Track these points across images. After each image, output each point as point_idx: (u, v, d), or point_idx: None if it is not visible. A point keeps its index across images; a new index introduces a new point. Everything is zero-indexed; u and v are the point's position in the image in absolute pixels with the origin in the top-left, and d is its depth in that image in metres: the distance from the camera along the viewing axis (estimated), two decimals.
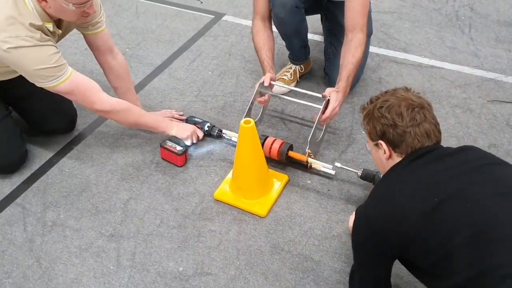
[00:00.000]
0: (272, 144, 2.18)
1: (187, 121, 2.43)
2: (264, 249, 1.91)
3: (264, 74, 2.27)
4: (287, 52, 2.67)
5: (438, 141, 1.49)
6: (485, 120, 2.44)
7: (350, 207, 2.04)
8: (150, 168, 2.26)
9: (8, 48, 1.87)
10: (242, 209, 2.06)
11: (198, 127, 2.37)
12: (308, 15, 2.49)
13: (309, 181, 2.16)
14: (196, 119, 2.43)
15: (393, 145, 1.49)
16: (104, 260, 1.90)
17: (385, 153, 1.51)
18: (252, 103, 2.26)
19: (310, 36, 2.60)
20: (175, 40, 3.15)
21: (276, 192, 2.10)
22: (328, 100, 2.11)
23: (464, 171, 1.37)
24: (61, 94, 2.06)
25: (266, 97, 2.28)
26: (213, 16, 3.37)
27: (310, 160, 2.16)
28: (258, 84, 2.23)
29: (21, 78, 2.04)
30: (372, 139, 1.55)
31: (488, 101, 2.56)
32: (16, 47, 1.88)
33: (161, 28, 3.28)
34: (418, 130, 1.45)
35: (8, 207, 2.12)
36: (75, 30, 2.26)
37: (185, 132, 2.30)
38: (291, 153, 2.19)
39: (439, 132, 1.49)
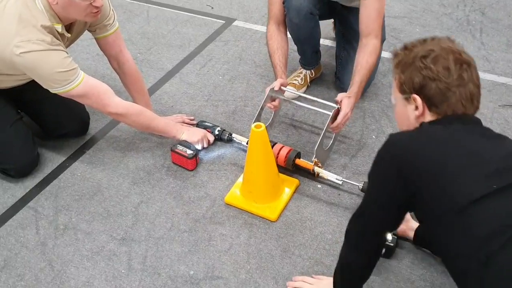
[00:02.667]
0: (279, 151, 2.18)
1: (197, 125, 2.44)
2: (274, 253, 1.91)
3: (276, 79, 2.28)
4: (298, 57, 2.68)
5: (478, 109, 1.33)
6: (497, 124, 2.43)
7: None
8: (161, 172, 2.27)
9: (21, 53, 1.89)
10: (252, 213, 2.06)
11: (208, 132, 2.38)
12: (321, 20, 2.49)
13: (319, 186, 2.16)
14: (206, 124, 2.44)
15: (431, 103, 1.30)
16: (116, 263, 1.91)
17: (416, 109, 1.33)
18: (262, 108, 2.26)
19: (321, 41, 2.60)
20: (186, 45, 3.17)
21: (287, 196, 2.11)
22: (338, 108, 2.10)
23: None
24: (74, 99, 2.08)
25: (276, 102, 2.28)
26: (223, 22, 3.39)
27: (316, 169, 2.14)
28: (268, 89, 2.23)
29: (34, 83, 2.06)
30: (403, 92, 1.35)
31: (499, 105, 2.55)
32: (29, 51, 1.89)
33: (172, 33, 3.30)
34: (464, 91, 1.27)
35: (20, 211, 2.14)
36: (86, 36, 2.28)
37: (195, 136, 2.31)
38: (298, 161, 2.18)
39: (480, 97, 1.33)
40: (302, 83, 2.67)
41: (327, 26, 2.84)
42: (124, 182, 2.24)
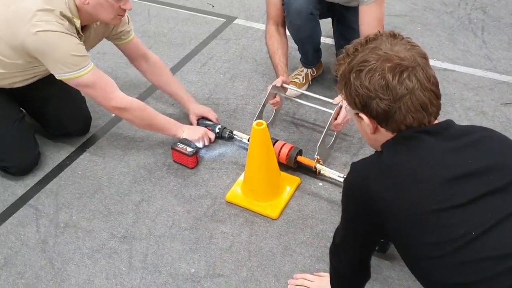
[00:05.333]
0: (281, 149, 2.17)
1: (198, 123, 2.44)
2: (275, 251, 1.90)
3: (277, 77, 2.27)
4: (299, 55, 2.67)
5: (437, 113, 1.20)
6: (498, 123, 2.43)
7: None
8: (162, 170, 2.26)
9: (37, 31, 1.90)
10: (253, 211, 2.05)
11: (209, 129, 2.38)
12: (320, 19, 2.49)
13: (320, 184, 2.16)
14: (207, 122, 2.44)
15: (378, 121, 1.20)
16: (116, 261, 1.91)
17: (368, 126, 1.23)
18: (264, 105, 2.26)
19: (321, 39, 2.60)
20: (186, 43, 3.16)
21: (288, 194, 2.10)
22: (340, 106, 2.10)
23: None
24: (80, 88, 2.08)
25: (278, 98, 2.28)
26: (224, 20, 3.38)
27: (318, 166, 2.14)
28: (271, 86, 2.23)
29: (36, 82, 2.06)
30: (352, 107, 1.25)
31: (501, 104, 2.55)
32: (46, 31, 1.90)
33: (172, 32, 3.29)
34: (410, 103, 1.14)
35: (21, 209, 2.13)
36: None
37: (196, 134, 2.30)
38: (299, 158, 2.18)
39: (438, 97, 1.19)
40: (303, 81, 2.66)
41: (328, 24, 2.83)
42: (125, 180, 2.23)
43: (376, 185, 1.17)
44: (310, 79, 2.69)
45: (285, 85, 2.26)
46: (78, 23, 2.01)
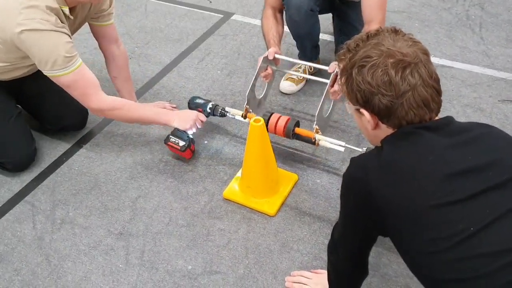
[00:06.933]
0: (277, 121, 2.11)
1: (188, 104, 2.38)
2: (273, 248, 1.90)
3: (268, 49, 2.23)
4: (297, 51, 2.66)
5: (438, 109, 1.20)
6: (496, 119, 2.42)
7: None
8: (159, 167, 2.26)
9: (22, 30, 1.87)
10: (251, 208, 2.05)
11: (200, 111, 2.32)
12: (319, 14, 2.48)
13: (318, 180, 2.15)
14: (198, 101, 2.37)
15: (380, 117, 1.20)
16: (113, 258, 1.90)
17: (369, 122, 1.23)
18: (255, 78, 2.20)
19: (320, 35, 2.59)
20: (184, 39, 3.15)
21: (285, 191, 2.09)
22: (337, 73, 2.04)
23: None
24: (61, 87, 2.04)
25: (269, 70, 2.23)
26: (222, 16, 3.37)
27: (317, 136, 2.08)
28: (261, 58, 2.17)
29: (33, 76, 2.04)
30: (353, 103, 1.25)
31: (499, 100, 2.54)
32: (31, 30, 1.87)
33: (170, 27, 3.28)
34: (413, 99, 1.14)
35: (17, 205, 2.12)
36: (84, 30, 2.27)
37: (186, 123, 2.20)
38: (297, 130, 2.12)
39: (439, 94, 1.19)
40: (301, 78, 2.65)
41: (326, 20, 2.83)
42: (122, 177, 2.22)
43: (376, 181, 1.17)
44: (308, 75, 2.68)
45: (277, 56, 2.20)
46: (66, 10, 1.97)
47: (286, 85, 2.62)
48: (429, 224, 1.11)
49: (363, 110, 1.22)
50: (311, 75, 2.70)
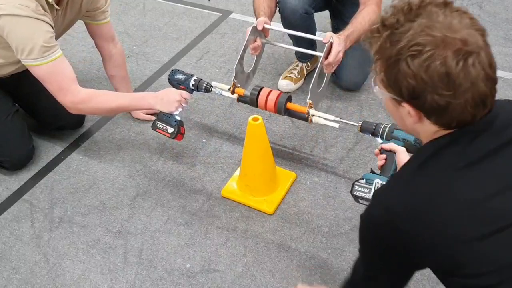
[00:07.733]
0: (268, 96, 1.99)
1: (169, 80, 2.23)
2: (271, 247, 1.90)
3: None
4: (294, 51, 2.66)
5: (494, 102, 1.02)
6: None
7: (357, 205, 2.02)
8: (157, 165, 2.26)
9: (0, 15, 1.84)
10: (249, 207, 2.05)
11: (183, 88, 2.16)
12: (317, 12, 2.48)
13: (316, 179, 2.16)
14: (178, 76, 2.18)
15: (428, 114, 1.01)
16: (111, 256, 1.90)
17: (410, 115, 1.04)
18: (244, 50, 2.07)
19: (317, 34, 2.59)
20: (182, 37, 3.15)
21: (284, 189, 2.10)
22: (331, 44, 1.95)
23: None
24: (38, 79, 2.00)
25: (258, 42, 2.09)
26: (220, 14, 3.37)
27: (311, 111, 1.97)
28: (250, 29, 2.03)
29: (30, 74, 2.03)
30: (390, 91, 1.04)
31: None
32: (9, 14, 1.84)
33: (168, 26, 3.28)
34: (471, 96, 0.95)
35: (15, 203, 2.12)
36: (82, 28, 2.26)
37: (171, 105, 2.09)
38: (289, 105, 2.01)
39: (495, 82, 1.00)
40: (299, 76, 2.66)
41: (324, 18, 2.83)
42: (120, 175, 2.22)
43: (406, 224, 1.01)
44: (305, 74, 2.69)
45: (266, 26, 2.06)
46: None
47: (284, 84, 2.62)
48: (479, 256, 0.97)
49: (405, 105, 1.02)
50: (308, 74, 2.71)
